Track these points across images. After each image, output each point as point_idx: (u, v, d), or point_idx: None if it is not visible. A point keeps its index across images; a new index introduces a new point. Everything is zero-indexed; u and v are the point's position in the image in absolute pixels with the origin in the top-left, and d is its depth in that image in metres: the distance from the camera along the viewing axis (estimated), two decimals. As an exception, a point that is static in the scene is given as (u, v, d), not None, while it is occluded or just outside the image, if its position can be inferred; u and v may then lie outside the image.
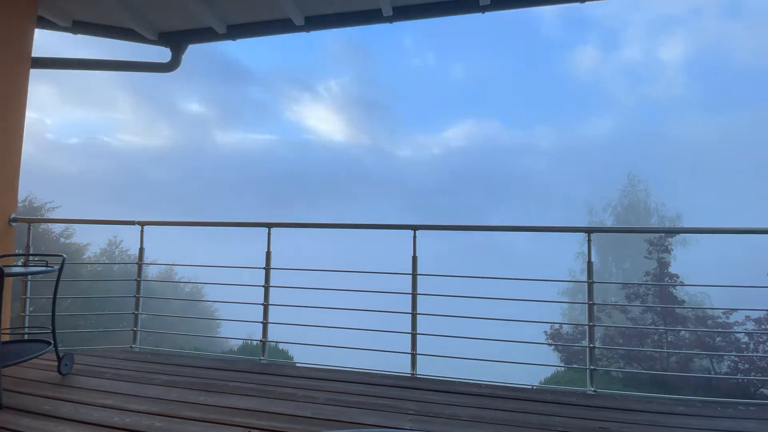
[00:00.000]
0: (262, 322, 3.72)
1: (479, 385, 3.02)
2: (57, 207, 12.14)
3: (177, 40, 4.40)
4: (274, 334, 3.82)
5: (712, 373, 10.14)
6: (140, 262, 4.10)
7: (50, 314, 2.97)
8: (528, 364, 3.71)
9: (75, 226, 12.01)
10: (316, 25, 4.05)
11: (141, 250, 4.12)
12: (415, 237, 3.55)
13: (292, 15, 3.89)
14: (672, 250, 15.33)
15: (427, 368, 3.33)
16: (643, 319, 12.40)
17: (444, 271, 3.62)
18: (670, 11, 61.63)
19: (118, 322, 9.34)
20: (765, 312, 10.47)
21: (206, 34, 4.32)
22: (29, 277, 3.86)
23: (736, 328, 10.59)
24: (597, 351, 3.20)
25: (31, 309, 3.90)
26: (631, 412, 2.60)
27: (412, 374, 3.29)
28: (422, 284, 3.50)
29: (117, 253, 12.54)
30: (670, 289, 12.81)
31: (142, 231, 4.09)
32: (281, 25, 4.13)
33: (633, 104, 60.26)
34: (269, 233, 3.84)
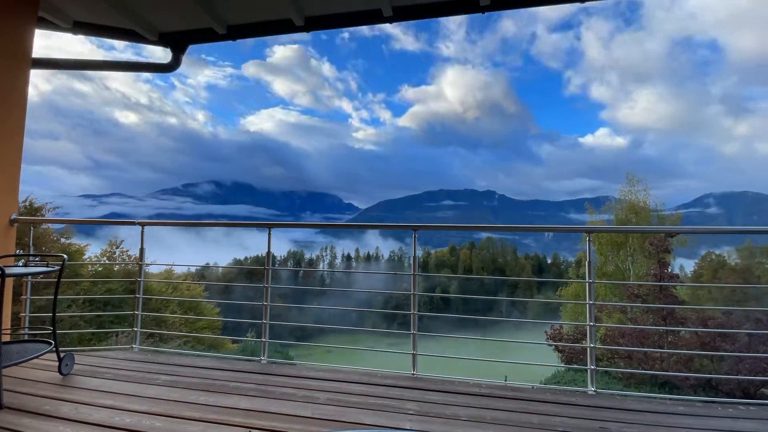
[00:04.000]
0: (262, 322, 3.72)
1: (479, 385, 3.02)
2: (57, 207, 12.14)
3: (177, 40, 4.40)
4: (274, 334, 3.82)
5: (712, 373, 10.13)
6: (140, 262, 4.10)
7: (50, 314, 2.98)
8: (528, 364, 3.71)
9: (75, 226, 12.01)
10: (316, 26, 4.06)
11: (141, 250, 4.12)
12: (415, 237, 3.56)
13: (292, 15, 3.90)
14: (672, 250, 15.34)
15: (427, 368, 3.33)
16: (644, 319, 12.40)
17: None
18: None
19: (118, 322, 9.34)
20: (765, 312, 10.46)
21: (206, 35, 4.32)
22: (29, 277, 3.86)
23: (736, 329, 10.58)
24: (598, 351, 3.20)
25: (31, 309, 3.90)
26: (631, 412, 2.60)
27: (413, 374, 3.29)
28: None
29: (117, 253, 12.53)
30: (671, 290, 12.80)
31: (142, 231, 4.10)
32: (281, 26, 4.13)
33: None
34: (269, 233, 3.83)
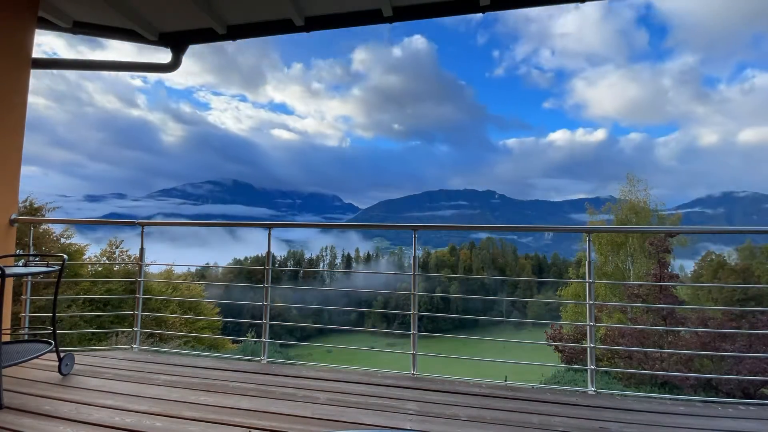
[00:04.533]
0: (262, 322, 3.72)
1: (479, 385, 3.02)
2: (57, 207, 12.12)
3: (177, 40, 4.40)
4: (274, 334, 3.81)
5: (713, 373, 10.13)
6: (140, 262, 4.10)
7: (50, 314, 2.98)
8: (528, 364, 3.71)
9: (76, 226, 12.00)
10: (316, 26, 4.05)
11: (141, 250, 4.12)
12: (415, 237, 3.56)
13: (292, 15, 3.90)
14: (672, 250, 15.34)
15: (427, 368, 3.33)
16: (644, 320, 12.40)
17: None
18: None
19: (119, 322, 9.33)
20: (765, 312, 10.47)
21: (206, 35, 4.32)
22: (29, 277, 3.86)
23: (736, 329, 10.58)
24: (598, 351, 3.20)
25: (31, 309, 3.90)
26: (631, 412, 2.60)
27: (413, 374, 3.29)
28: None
29: (117, 253, 12.52)
30: (671, 290, 12.81)
31: (142, 231, 4.10)
32: (281, 26, 4.13)
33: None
34: (269, 233, 3.83)
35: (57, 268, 2.97)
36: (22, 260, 3.98)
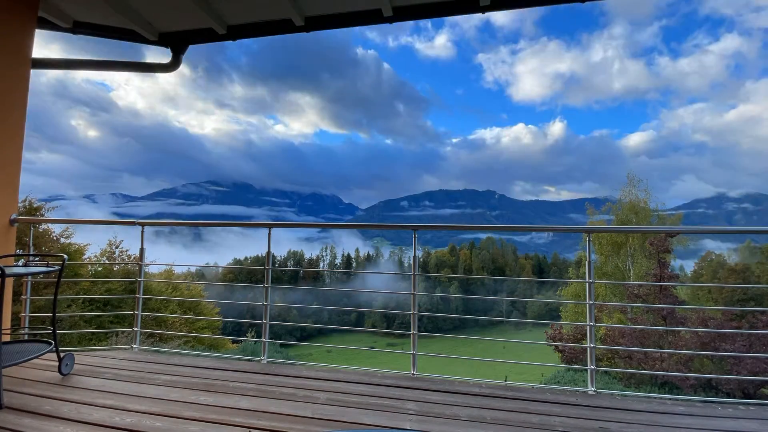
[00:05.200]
0: (262, 322, 3.72)
1: (479, 385, 3.02)
2: (57, 207, 12.14)
3: (177, 40, 4.40)
4: (274, 334, 3.82)
5: (712, 373, 10.12)
6: (140, 262, 4.10)
7: (50, 314, 2.98)
8: (528, 364, 3.71)
9: (75, 226, 12.01)
10: (316, 26, 4.06)
11: (141, 250, 4.12)
12: (415, 237, 3.56)
13: (292, 15, 3.90)
14: (672, 250, 15.34)
15: (427, 368, 3.33)
16: (644, 320, 12.41)
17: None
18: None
19: (118, 322, 9.33)
20: (765, 312, 10.47)
21: (206, 35, 4.32)
22: (29, 277, 3.86)
23: (736, 329, 10.58)
24: (598, 351, 3.20)
25: (31, 309, 3.90)
26: (631, 412, 2.61)
27: (413, 374, 3.29)
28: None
29: (117, 253, 12.53)
30: (671, 289, 12.81)
31: (142, 231, 4.10)
32: (281, 26, 4.13)
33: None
34: (269, 233, 3.83)
35: (57, 268, 2.97)
36: (22, 260, 3.98)
